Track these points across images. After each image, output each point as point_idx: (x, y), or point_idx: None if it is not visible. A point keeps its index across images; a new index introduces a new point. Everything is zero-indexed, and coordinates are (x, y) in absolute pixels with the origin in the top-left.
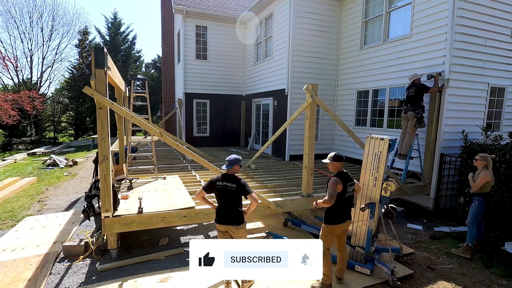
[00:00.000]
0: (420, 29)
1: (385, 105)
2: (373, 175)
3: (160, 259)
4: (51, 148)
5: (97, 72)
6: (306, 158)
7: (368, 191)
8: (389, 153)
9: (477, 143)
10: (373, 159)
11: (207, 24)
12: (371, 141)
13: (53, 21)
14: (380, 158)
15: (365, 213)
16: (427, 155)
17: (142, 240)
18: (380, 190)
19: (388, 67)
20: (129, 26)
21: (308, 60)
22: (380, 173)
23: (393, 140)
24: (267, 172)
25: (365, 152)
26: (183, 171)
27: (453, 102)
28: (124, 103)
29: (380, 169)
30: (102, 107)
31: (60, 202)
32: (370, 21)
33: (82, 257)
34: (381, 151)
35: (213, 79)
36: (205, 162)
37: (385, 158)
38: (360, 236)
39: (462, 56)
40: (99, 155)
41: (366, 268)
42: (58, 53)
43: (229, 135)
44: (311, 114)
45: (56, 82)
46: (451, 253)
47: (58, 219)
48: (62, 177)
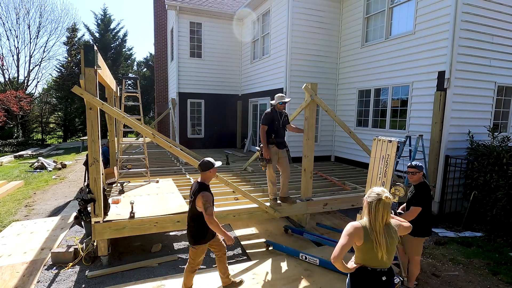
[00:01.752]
0: (424, 26)
1: (388, 105)
2: (380, 179)
3: (152, 266)
4: (39, 150)
5: (87, 71)
6: (305, 160)
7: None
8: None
9: (484, 145)
10: (380, 163)
11: (202, 21)
12: (378, 144)
13: (40, 18)
14: (388, 161)
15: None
16: (431, 156)
17: (134, 247)
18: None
19: (390, 65)
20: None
21: (307, 58)
22: (388, 178)
23: (401, 143)
24: (265, 175)
25: (372, 155)
26: (177, 174)
27: (458, 102)
28: (115, 103)
29: (388, 173)
30: (92, 107)
31: (48, 206)
32: (371, 18)
33: (71, 264)
34: (389, 154)
35: (208, 78)
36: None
37: (393, 162)
38: None
39: (467, 53)
40: (89, 157)
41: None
42: (46, 51)
43: (225, 137)
44: (310, 115)
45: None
46: (457, 259)
47: (46, 224)
48: (51, 180)
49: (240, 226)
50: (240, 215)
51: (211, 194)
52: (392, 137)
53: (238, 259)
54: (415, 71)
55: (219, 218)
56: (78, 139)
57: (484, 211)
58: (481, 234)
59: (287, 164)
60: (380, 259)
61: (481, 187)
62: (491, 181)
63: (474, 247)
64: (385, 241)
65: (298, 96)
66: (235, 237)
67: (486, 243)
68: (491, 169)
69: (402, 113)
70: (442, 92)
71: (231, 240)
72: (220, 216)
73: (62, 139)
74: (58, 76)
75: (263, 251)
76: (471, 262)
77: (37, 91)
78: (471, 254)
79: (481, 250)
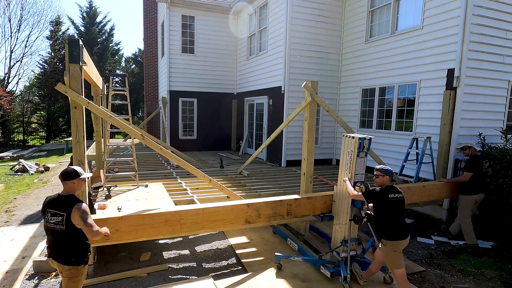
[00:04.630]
0: (433, 20)
1: (393, 105)
2: (346, 175)
3: (141, 276)
4: (20, 152)
5: (72, 68)
6: (305, 163)
7: (344, 193)
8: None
9: (496, 148)
10: (347, 159)
11: (195, 14)
12: (345, 140)
13: (22, 10)
14: (352, 157)
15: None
16: (440, 160)
17: (122, 255)
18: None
19: (396, 62)
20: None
21: (307, 55)
22: (352, 173)
23: (362, 139)
24: (261, 180)
25: (341, 151)
26: (167, 178)
27: (468, 102)
28: (102, 102)
29: (351, 168)
30: (77, 106)
31: (30, 212)
32: (376, 11)
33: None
34: (352, 150)
35: (201, 76)
36: (192, 168)
37: (355, 158)
38: (336, 240)
39: (479, 50)
40: (74, 160)
41: (327, 270)
42: (28, 45)
43: (219, 138)
44: (310, 115)
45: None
46: (467, 270)
47: (28, 231)
48: (33, 184)
49: (235, 234)
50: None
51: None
52: (366, 134)
53: (233, 269)
54: (423, 68)
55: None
56: (62, 140)
57: (496, 219)
58: (492, 243)
59: None
60: None
61: (493, 193)
62: (504, 186)
63: (485, 257)
64: None
65: (298, 95)
66: (229, 245)
67: (498, 252)
68: (503, 173)
69: (409, 114)
70: (452, 91)
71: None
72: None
73: (45, 140)
74: (40, 72)
75: (260, 261)
76: (482, 273)
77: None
78: (482, 265)
79: (492, 261)
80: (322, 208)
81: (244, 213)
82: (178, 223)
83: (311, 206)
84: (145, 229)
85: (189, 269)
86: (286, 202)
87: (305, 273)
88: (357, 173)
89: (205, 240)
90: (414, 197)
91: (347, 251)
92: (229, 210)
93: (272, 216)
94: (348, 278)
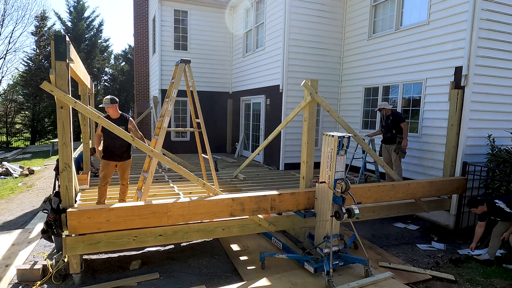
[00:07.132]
0: (440, 15)
1: (398, 104)
2: (327, 173)
3: (131, 286)
4: (3, 154)
5: (58, 65)
6: (304, 167)
7: (325, 190)
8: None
9: (507, 150)
10: (327, 157)
11: (188, 9)
12: (325, 138)
13: (5, 4)
14: (332, 156)
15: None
16: (447, 163)
17: (110, 263)
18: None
19: (401, 59)
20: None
21: (307, 52)
22: (332, 171)
23: (341, 137)
24: (258, 183)
25: (322, 150)
26: (159, 182)
27: (477, 102)
28: (90, 102)
29: (332, 166)
30: (63, 106)
31: (14, 217)
32: (380, 5)
33: (39, 283)
34: (332, 148)
35: (194, 73)
36: (185, 172)
37: (335, 156)
38: (319, 236)
39: (488, 46)
40: (60, 162)
41: (310, 266)
42: (11, 42)
43: (214, 140)
44: (310, 115)
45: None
46: (475, 280)
47: (11, 237)
48: (17, 188)
49: (230, 241)
50: (230, 228)
51: None
52: (339, 133)
53: (228, 277)
54: (429, 66)
55: (206, 232)
56: (47, 141)
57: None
58: (503, 251)
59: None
60: None
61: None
62: None
63: (494, 266)
64: None
65: (297, 95)
66: (224, 253)
67: (508, 261)
68: None
69: (414, 114)
70: (460, 91)
71: None
72: (207, 229)
73: (29, 141)
74: (25, 70)
75: (256, 269)
76: (491, 283)
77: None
78: (491, 274)
79: (502, 270)
80: (305, 203)
81: (229, 206)
82: (165, 215)
83: (295, 202)
84: (133, 220)
85: (182, 278)
86: (270, 197)
87: (304, 283)
88: (337, 171)
89: (198, 247)
90: (399, 194)
91: (330, 247)
92: (214, 204)
93: (256, 210)
94: (331, 273)
